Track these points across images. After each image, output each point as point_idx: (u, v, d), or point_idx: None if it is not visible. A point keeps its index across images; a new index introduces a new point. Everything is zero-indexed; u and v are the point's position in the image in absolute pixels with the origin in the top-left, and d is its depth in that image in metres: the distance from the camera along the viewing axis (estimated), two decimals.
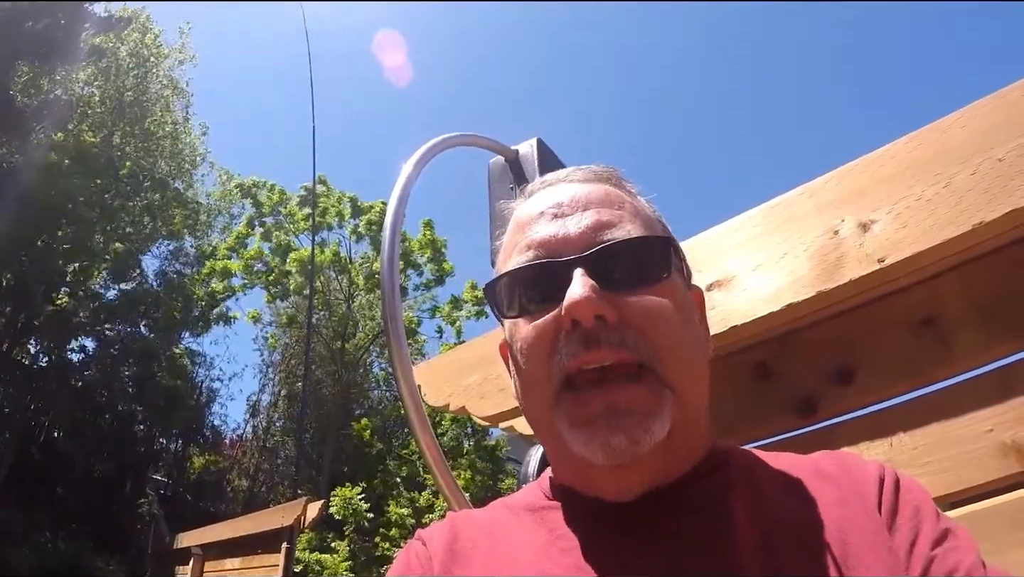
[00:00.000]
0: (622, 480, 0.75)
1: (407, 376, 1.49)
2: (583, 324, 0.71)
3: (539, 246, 0.77)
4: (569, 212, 0.79)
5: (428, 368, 2.01)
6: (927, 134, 1.23)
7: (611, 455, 0.69)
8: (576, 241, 0.76)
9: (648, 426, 0.69)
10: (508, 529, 0.82)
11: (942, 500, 1.11)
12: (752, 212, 1.41)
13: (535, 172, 1.76)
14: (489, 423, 1.78)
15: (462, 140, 1.79)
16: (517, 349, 0.78)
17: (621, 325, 0.71)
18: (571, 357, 0.72)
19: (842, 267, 1.24)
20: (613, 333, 0.71)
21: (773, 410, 1.34)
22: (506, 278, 0.79)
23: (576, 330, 0.71)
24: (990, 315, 1.16)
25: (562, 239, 0.77)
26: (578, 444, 0.71)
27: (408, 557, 0.83)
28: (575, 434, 0.71)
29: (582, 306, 0.70)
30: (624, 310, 0.72)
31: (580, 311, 0.70)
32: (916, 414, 1.18)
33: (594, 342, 0.71)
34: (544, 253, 0.77)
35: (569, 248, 0.75)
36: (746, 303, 1.34)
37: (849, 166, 1.31)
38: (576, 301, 0.70)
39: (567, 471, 0.82)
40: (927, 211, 1.17)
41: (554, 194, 0.82)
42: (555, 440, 0.76)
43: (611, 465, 0.71)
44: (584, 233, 0.76)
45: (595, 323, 0.71)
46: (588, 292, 0.70)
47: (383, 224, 1.59)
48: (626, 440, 0.69)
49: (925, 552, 0.67)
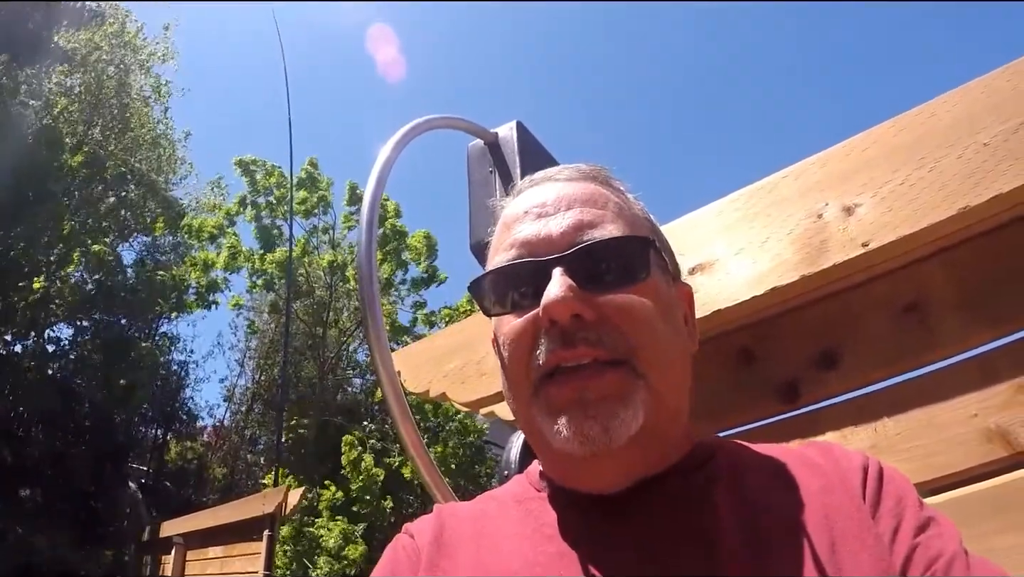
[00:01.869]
0: (598, 471, 0.75)
1: (386, 364, 1.46)
2: (560, 322, 0.72)
3: (522, 245, 0.79)
4: (552, 211, 0.80)
5: (407, 354, 2.00)
6: (912, 118, 1.22)
7: (585, 444, 0.70)
8: (557, 240, 0.77)
9: (619, 412, 0.71)
10: (495, 520, 0.82)
11: (926, 485, 1.10)
12: (735, 195, 1.40)
13: (515, 155, 1.74)
14: (470, 408, 1.76)
15: (441, 122, 1.77)
16: (501, 344, 0.80)
17: (598, 323, 0.73)
18: (549, 353, 0.73)
19: (826, 251, 1.23)
20: (590, 331, 0.72)
21: (756, 395, 1.34)
22: (490, 276, 0.81)
23: (554, 328, 0.73)
24: (975, 300, 1.15)
25: (544, 238, 0.78)
26: (555, 436, 0.72)
27: (396, 550, 0.84)
28: (550, 423, 0.73)
29: (559, 305, 0.71)
30: (602, 309, 0.73)
31: (557, 310, 0.72)
32: (900, 399, 1.18)
33: (570, 340, 0.72)
34: (526, 252, 0.78)
35: (550, 247, 0.77)
36: (729, 287, 1.33)
37: (833, 149, 1.30)
38: (553, 300, 0.72)
39: (548, 463, 0.83)
40: (911, 195, 1.17)
41: (539, 193, 0.84)
42: (536, 434, 0.77)
43: (586, 455, 0.71)
44: (565, 232, 0.78)
45: (572, 321, 0.72)
46: (564, 292, 0.72)
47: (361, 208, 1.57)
48: (599, 428, 0.70)
49: (908, 540, 0.67)
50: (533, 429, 0.77)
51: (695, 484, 0.76)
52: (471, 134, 1.83)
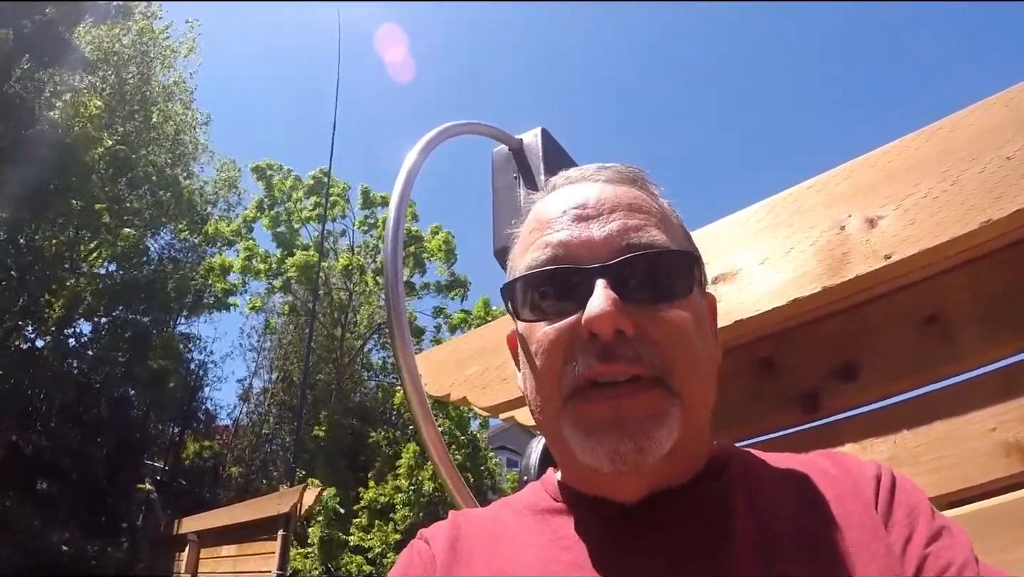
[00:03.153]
0: (626, 486, 0.75)
1: (410, 367, 1.48)
2: (601, 337, 0.70)
3: (560, 246, 0.76)
4: (594, 214, 0.77)
5: (429, 358, 2.01)
6: (935, 131, 1.23)
7: (617, 463, 0.69)
8: (600, 247, 0.74)
9: (654, 434, 0.69)
10: (511, 529, 0.82)
11: (944, 498, 1.11)
12: (759, 205, 1.41)
13: (539, 162, 1.75)
14: (490, 413, 1.77)
15: (466, 128, 1.79)
16: (532, 351, 0.77)
17: (638, 339, 0.71)
18: (586, 367, 0.71)
19: (848, 263, 1.24)
20: (629, 347, 0.70)
21: (777, 405, 1.34)
22: (526, 279, 0.77)
23: (594, 341, 0.70)
24: (995, 314, 1.15)
25: (585, 242, 0.75)
26: (584, 451, 0.71)
27: (411, 556, 0.83)
28: (581, 440, 0.71)
29: (603, 320, 0.69)
30: (643, 324, 0.71)
31: (600, 325, 0.69)
32: (920, 411, 1.18)
33: (610, 356, 0.70)
34: (565, 254, 0.75)
35: (592, 253, 0.74)
36: (751, 297, 1.34)
37: (857, 161, 1.30)
38: (597, 315, 0.69)
39: (572, 474, 0.81)
40: (934, 208, 1.17)
41: (579, 192, 0.80)
42: (562, 445, 0.75)
43: (616, 472, 0.70)
44: (609, 239, 0.74)
45: (613, 337, 0.70)
46: (610, 306, 0.69)
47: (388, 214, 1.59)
48: (633, 447, 0.68)
49: (919, 550, 0.67)
50: (560, 440, 0.75)
51: (713, 493, 0.76)
52: (496, 140, 1.84)
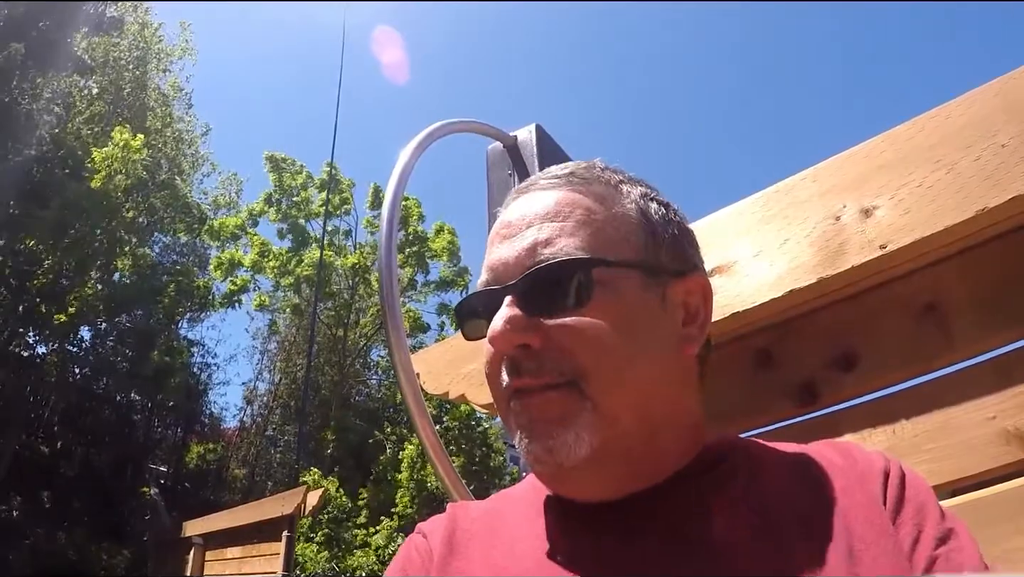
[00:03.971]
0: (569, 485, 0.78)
1: (405, 364, 1.48)
2: (506, 353, 0.75)
3: (489, 270, 0.80)
4: (514, 232, 0.79)
5: (427, 355, 2.01)
6: (929, 120, 1.22)
7: (538, 462, 0.73)
8: (513, 267, 0.77)
9: (560, 435, 0.71)
10: (508, 520, 0.82)
11: (944, 487, 1.10)
12: (754, 197, 1.40)
13: (533, 158, 1.75)
14: (489, 411, 1.77)
15: (460, 126, 1.78)
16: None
17: (544, 349, 0.73)
18: (506, 381, 0.75)
19: (844, 253, 1.23)
20: (532, 360, 0.73)
21: (774, 397, 1.34)
22: (463, 304, 0.85)
23: (505, 358, 0.75)
24: (992, 302, 1.15)
25: (504, 262, 0.78)
26: (522, 453, 0.75)
27: (409, 550, 0.84)
28: (518, 444, 0.75)
29: (499, 339, 0.73)
30: (549, 333, 0.73)
31: (497, 345, 0.74)
32: (918, 401, 1.18)
33: (516, 370, 0.74)
34: (493, 278, 0.79)
35: (507, 274, 0.77)
36: (747, 289, 1.34)
37: (851, 151, 1.30)
38: (493, 335, 0.74)
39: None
40: (929, 197, 1.16)
41: (512, 210, 0.83)
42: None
43: (546, 472, 0.76)
44: (519, 257, 0.77)
45: (517, 351, 0.74)
46: (503, 325, 0.73)
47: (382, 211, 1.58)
48: (542, 448, 0.72)
49: (928, 552, 0.66)
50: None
51: (704, 488, 0.76)
52: (490, 137, 1.84)
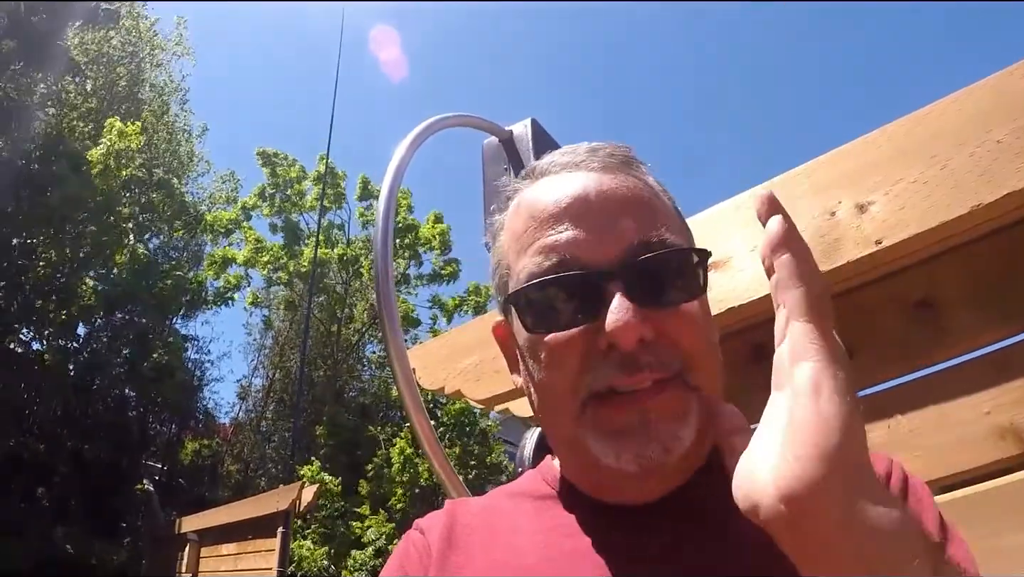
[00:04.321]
0: (643, 487, 0.73)
1: (401, 359, 1.48)
2: (623, 348, 0.67)
3: (566, 248, 0.72)
4: (597, 210, 0.73)
5: (423, 351, 2.01)
6: (925, 116, 1.22)
7: (644, 465, 0.67)
8: (610, 248, 0.70)
9: (678, 432, 0.68)
10: (508, 515, 0.81)
11: (939, 482, 1.11)
12: (750, 192, 1.40)
13: (529, 152, 1.74)
14: (484, 406, 1.77)
15: (455, 121, 1.78)
16: (540, 360, 0.74)
17: (658, 343, 0.68)
18: (607, 378, 0.68)
19: (839, 249, 1.23)
20: (651, 354, 0.67)
21: (770, 392, 1.34)
22: (532, 288, 0.73)
23: (613, 351, 0.68)
24: (987, 297, 1.15)
25: (593, 244, 0.71)
26: (608, 455, 0.69)
27: (406, 546, 0.82)
28: (605, 445, 0.69)
29: (626, 332, 0.66)
30: (662, 326, 0.68)
31: (623, 338, 0.66)
32: (913, 396, 1.18)
33: (633, 366, 0.67)
34: (572, 258, 0.71)
35: (602, 257, 0.70)
36: (743, 284, 1.34)
37: (846, 147, 1.30)
38: (620, 326, 0.66)
39: (584, 475, 0.78)
40: (924, 193, 1.16)
41: (576, 184, 0.76)
42: (578, 450, 0.73)
43: (639, 474, 0.68)
44: (619, 239, 0.71)
45: (636, 345, 0.67)
46: (631, 316, 0.66)
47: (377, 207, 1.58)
48: (660, 449, 0.67)
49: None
50: (576, 446, 0.72)
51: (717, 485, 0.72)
52: (486, 132, 1.84)
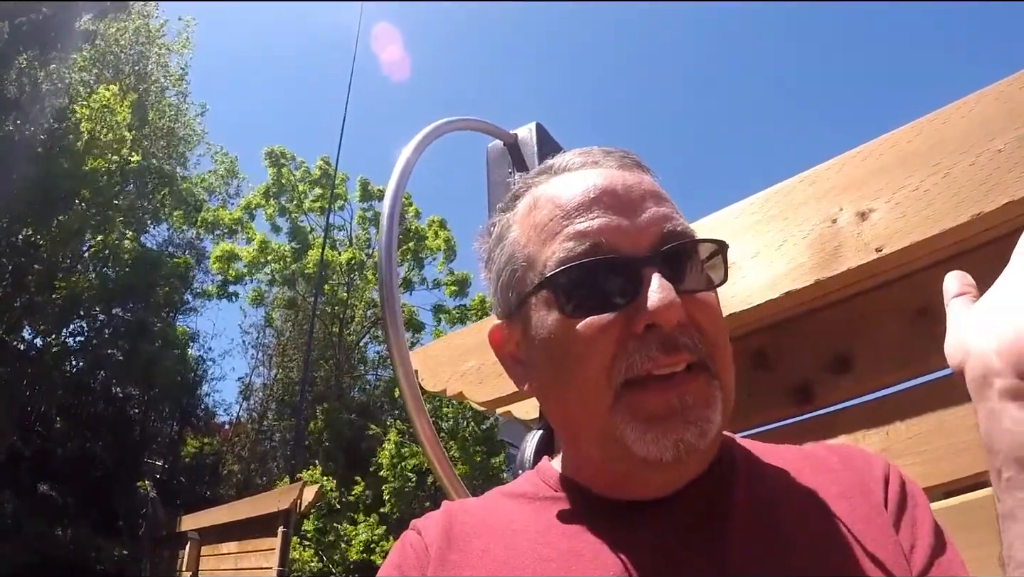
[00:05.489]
0: (672, 477, 0.73)
1: (404, 361, 1.48)
2: (665, 328, 0.68)
3: (599, 235, 0.72)
4: (626, 201, 0.74)
5: (425, 353, 2.01)
6: (927, 124, 1.23)
7: (681, 450, 0.68)
8: (641, 236, 0.72)
9: (711, 417, 0.69)
10: (506, 516, 0.81)
11: (936, 489, 1.11)
12: (751, 199, 1.41)
13: (534, 157, 1.75)
14: (487, 408, 1.78)
15: (460, 124, 1.78)
16: (570, 349, 0.73)
17: (688, 327, 0.70)
18: (647, 360, 0.69)
19: (840, 255, 1.24)
20: (687, 337, 0.69)
21: (770, 397, 1.35)
22: (565, 273, 0.73)
23: (651, 333, 0.69)
24: None
25: (625, 231, 0.72)
26: (646, 442, 0.69)
27: (404, 547, 0.82)
28: (643, 431, 0.69)
29: (671, 311, 0.67)
30: (692, 312, 0.71)
31: (668, 316, 0.67)
32: (912, 403, 1.18)
33: (674, 347, 0.69)
34: (606, 244, 0.72)
35: (634, 243, 0.72)
36: (744, 290, 1.34)
37: (849, 154, 1.30)
38: (665, 305, 0.67)
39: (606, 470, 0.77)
40: (925, 201, 1.17)
41: (601, 178, 0.77)
42: (609, 442, 0.72)
43: (674, 460, 0.68)
44: (648, 227, 0.73)
45: (675, 327, 0.69)
46: (673, 296, 0.68)
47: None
48: (697, 432, 0.68)
49: (923, 559, 0.67)
50: (608, 437, 0.71)
51: (716, 484, 0.75)
52: (490, 135, 1.84)
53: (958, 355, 0.56)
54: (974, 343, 0.54)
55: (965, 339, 0.56)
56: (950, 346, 0.58)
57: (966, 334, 0.56)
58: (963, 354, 0.55)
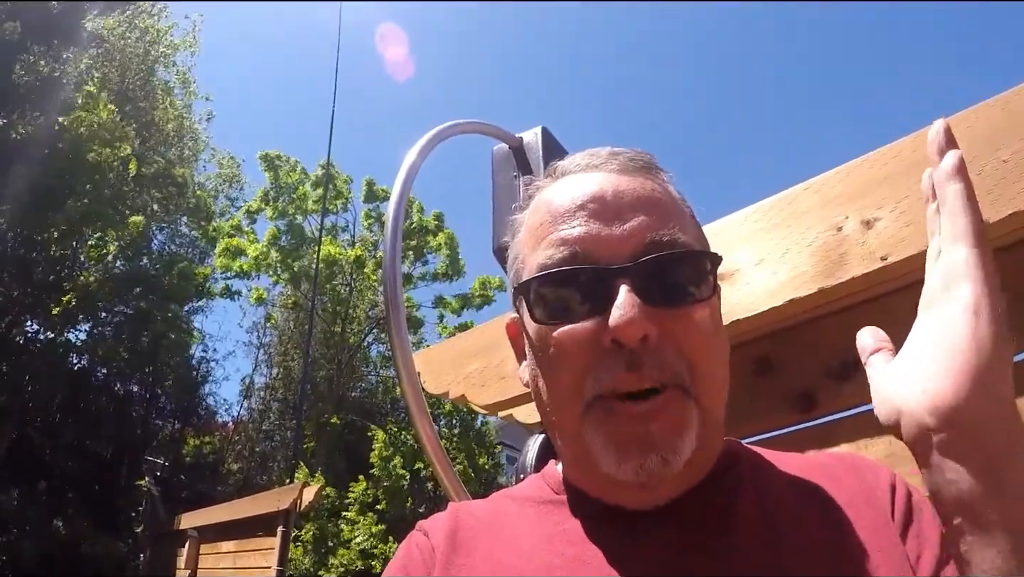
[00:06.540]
0: (645, 496, 0.73)
1: (407, 364, 1.49)
2: (627, 345, 0.67)
3: (577, 243, 0.72)
4: (612, 209, 0.73)
5: (428, 355, 2.01)
6: None
7: (643, 476, 0.67)
8: (620, 246, 0.71)
9: (679, 445, 0.68)
10: (511, 519, 0.81)
11: None
12: (756, 206, 1.41)
13: (539, 161, 1.75)
14: (488, 411, 1.78)
15: (466, 127, 1.79)
16: (548, 355, 0.73)
17: (661, 344, 0.68)
18: (611, 379, 0.68)
19: (845, 264, 1.24)
20: (655, 355, 0.67)
21: (774, 405, 1.35)
22: (539, 279, 0.73)
23: (617, 349, 0.68)
24: None
25: (604, 240, 0.71)
26: (608, 463, 0.69)
27: (410, 548, 0.82)
28: (607, 452, 0.69)
29: (630, 328, 0.66)
30: (666, 327, 0.68)
31: (627, 333, 0.66)
32: None
33: (636, 364, 0.67)
34: (583, 253, 0.71)
35: (612, 252, 0.70)
36: (748, 297, 1.34)
37: (854, 163, 1.30)
38: (623, 323, 0.66)
39: (586, 477, 0.79)
40: None
41: (594, 183, 0.76)
42: (580, 450, 0.73)
43: (639, 485, 0.69)
44: (629, 237, 0.71)
45: (639, 343, 0.67)
46: (636, 313, 0.66)
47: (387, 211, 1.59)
48: (658, 461, 0.67)
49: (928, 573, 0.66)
50: (579, 446, 0.72)
51: (721, 493, 0.75)
52: (496, 138, 1.85)
53: (891, 414, 0.59)
54: (903, 403, 0.58)
55: (893, 399, 0.60)
56: (879, 404, 0.61)
57: (894, 394, 0.60)
58: (895, 413, 0.59)
